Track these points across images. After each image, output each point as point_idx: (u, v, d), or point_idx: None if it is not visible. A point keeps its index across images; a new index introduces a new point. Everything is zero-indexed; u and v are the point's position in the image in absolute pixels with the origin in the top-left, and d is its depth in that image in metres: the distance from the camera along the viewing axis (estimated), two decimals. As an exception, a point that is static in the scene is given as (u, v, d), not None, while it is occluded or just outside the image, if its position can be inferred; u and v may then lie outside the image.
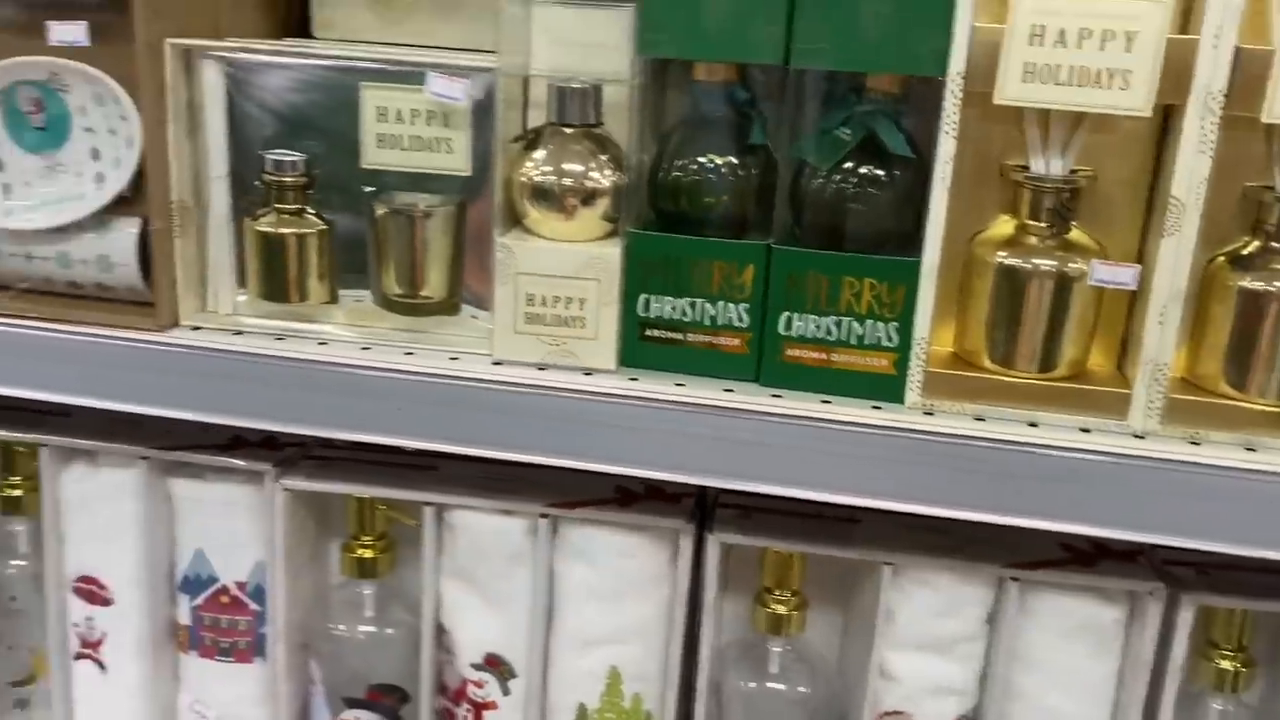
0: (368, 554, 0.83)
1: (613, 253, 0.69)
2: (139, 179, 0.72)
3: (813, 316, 0.68)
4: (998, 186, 0.70)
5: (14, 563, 0.90)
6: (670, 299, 0.70)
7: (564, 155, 0.70)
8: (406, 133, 0.72)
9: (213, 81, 0.72)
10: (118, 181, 0.72)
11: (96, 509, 0.85)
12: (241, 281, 0.77)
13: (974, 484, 0.67)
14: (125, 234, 0.74)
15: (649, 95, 0.70)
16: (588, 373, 0.71)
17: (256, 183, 0.74)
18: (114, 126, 0.72)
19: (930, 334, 0.67)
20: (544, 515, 0.78)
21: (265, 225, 0.74)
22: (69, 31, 0.68)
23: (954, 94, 0.63)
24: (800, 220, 0.70)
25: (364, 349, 0.74)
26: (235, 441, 0.85)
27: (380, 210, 0.74)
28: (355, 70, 0.71)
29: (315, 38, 0.83)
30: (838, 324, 0.68)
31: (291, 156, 0.73)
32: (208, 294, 0.77)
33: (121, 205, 0.73)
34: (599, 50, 0.71)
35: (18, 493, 0.89)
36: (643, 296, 0.71)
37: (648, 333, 0.71)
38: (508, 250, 0.70)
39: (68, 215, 0.73)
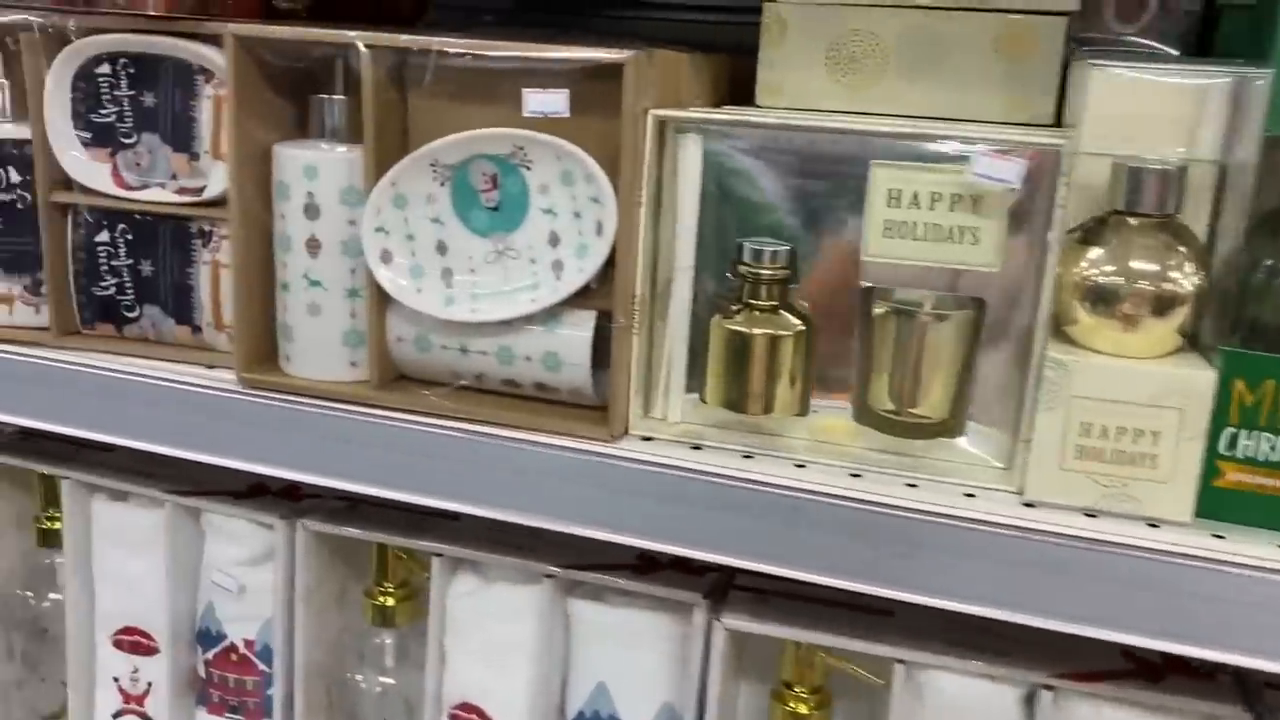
0: (802, 709, 0.70)
1: (1204, 377, 0.55)
2: (605, 268, 0.63)
3: None
4: None
5: (382, 679, 0.81)
6: (1270, 436, 0.56)
7: (1132, 251, 0.57)
8: (923, 220, 0.60)
9: (691, 158, 0.62)
10: (582, 272, 0.63)
11: (486, 628, 0.75)
12: (691, 385, 0.67)
13: None
14: (579, 330, 0.64)
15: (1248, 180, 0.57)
16: (1153, 524, 0.57)
17: (728, 274, 0.64)
18: (580, 209, 0.63)
19: None
20: (1048, 686, 0.64)
21: (738, 324, 0.63)
22: (550, 101, 0.59)
23: None
24: None
25: (853, 476, 0.62)
26: (645, 561, 0.74)
27: (879, 309, 0.62)
28: (869, 145, 0.60)
29: (757, 105, 0.73)
30: None
31: (774, 246, 0.62)
32: (654, 398, 0.67)
33: (573, 297, 0.64)
34: (1164, 123, 0.58)
35: (390, 601, 0.81)
36: (1228, 431, 0.56)
37: (1233, 477, 0.57)
38: (1061, 367, 0.57)
39: (520, 307, 0.64)
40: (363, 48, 0.63)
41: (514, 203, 0.64)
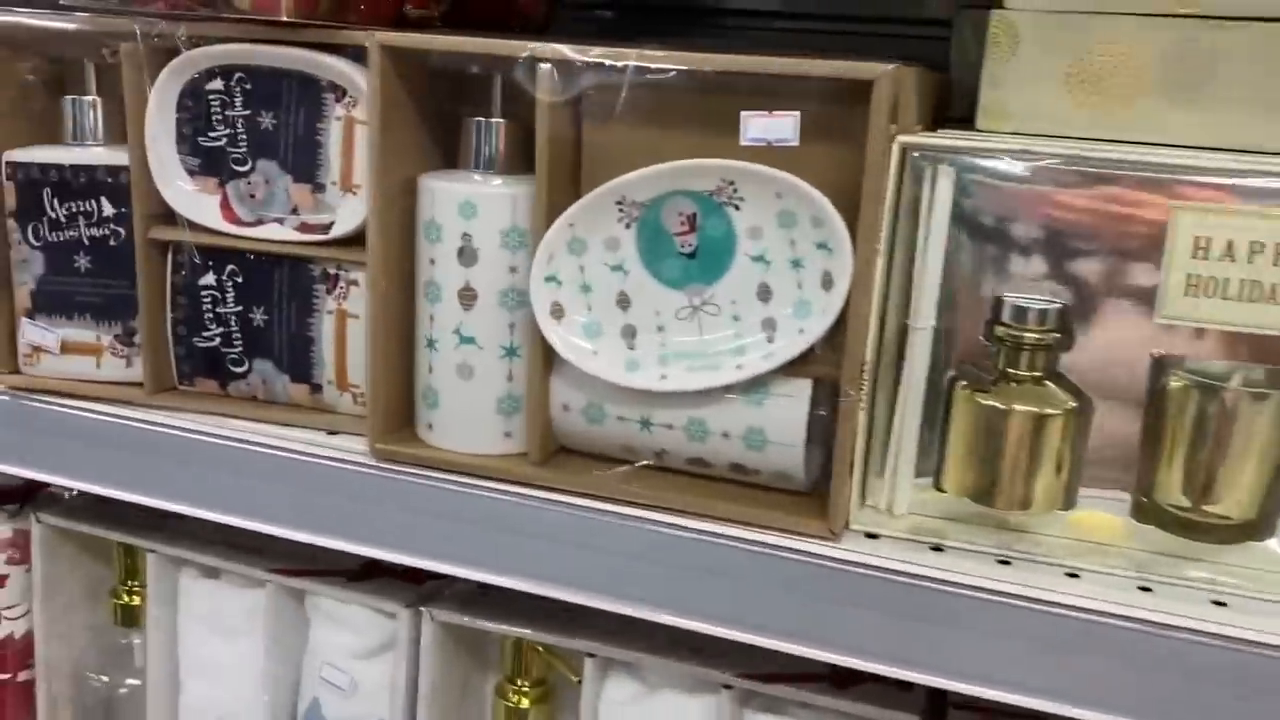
0: None
1: None
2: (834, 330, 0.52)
3: None
4: None
5: (514, 793, 0.70)
6: None
7: None
8: (1236, 275, 0.49)
9: (942, 195, 0.51)
10: (803, 334, 0.52)
11: (647, 744, 0.64)
12: (922, 470, 0.55)
13: None
14: (793, 403, 0.53)
15: None
16: None
17: (981, 338, 0.52)
18: (801, 257, 0.52)
19: None
20: None
21: (993, 398, 0.52)
22: (776, 127, 0.49)
23: None
24: None
25: (1143, 589, 0.50)
26: (840, 671, 0.62)
27: (1174, 383, 0.51)
28: (1166, 183, 0.49)
29: (977, 129, 0.62)
30: None
31: (1042, 303, 0.51)
32: (874, 484, 0.56)
33: (786, 364, 0.53)
34: None
35: (524, 702, 0.70)
36: None
37: None
38: None
39: (724, 375, 0.53)
40: (543, 62, 0.52)
41: (716, 248, 0.53)
